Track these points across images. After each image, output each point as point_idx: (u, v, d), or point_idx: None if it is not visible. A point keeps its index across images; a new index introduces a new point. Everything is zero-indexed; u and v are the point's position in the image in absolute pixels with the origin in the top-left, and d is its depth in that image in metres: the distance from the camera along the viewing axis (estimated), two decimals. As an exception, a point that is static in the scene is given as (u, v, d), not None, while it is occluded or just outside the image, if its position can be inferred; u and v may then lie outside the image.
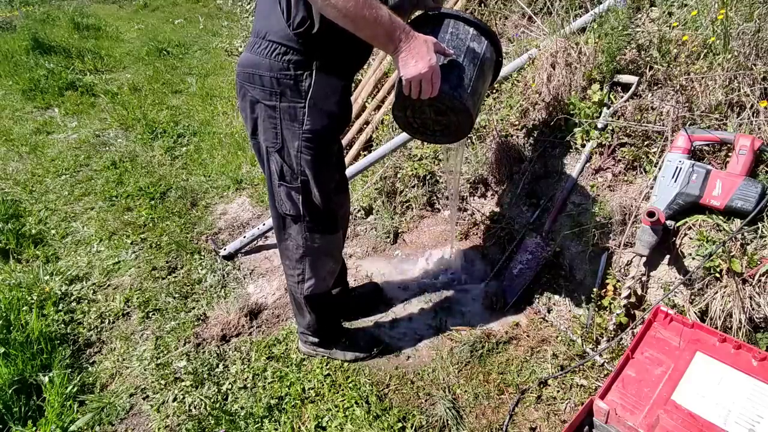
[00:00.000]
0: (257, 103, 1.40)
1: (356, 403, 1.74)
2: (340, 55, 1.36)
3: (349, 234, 2.67)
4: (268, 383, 1.85)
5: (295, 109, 1.36)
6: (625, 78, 2.09)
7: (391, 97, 2.85)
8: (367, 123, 2.95)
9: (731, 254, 1.61)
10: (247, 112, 1.44)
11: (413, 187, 2.65)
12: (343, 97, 1.43)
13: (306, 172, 1.46)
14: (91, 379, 1.92)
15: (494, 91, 2.49)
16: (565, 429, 1.34)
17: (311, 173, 1.46)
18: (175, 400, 1.81)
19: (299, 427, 1.69)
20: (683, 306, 1.73)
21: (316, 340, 1.91)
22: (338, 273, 1.99)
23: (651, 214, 1.64)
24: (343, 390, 1.80)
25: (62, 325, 2.13)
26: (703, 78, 1.88)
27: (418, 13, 1.48)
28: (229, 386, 1.85)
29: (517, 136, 2.38)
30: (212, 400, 1.79)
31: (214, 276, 2.42)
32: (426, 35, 1.24)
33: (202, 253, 2.59)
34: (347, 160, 2.95)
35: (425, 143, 2.63)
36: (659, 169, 1.87)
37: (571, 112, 2.17)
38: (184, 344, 2.04)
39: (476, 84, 1.36)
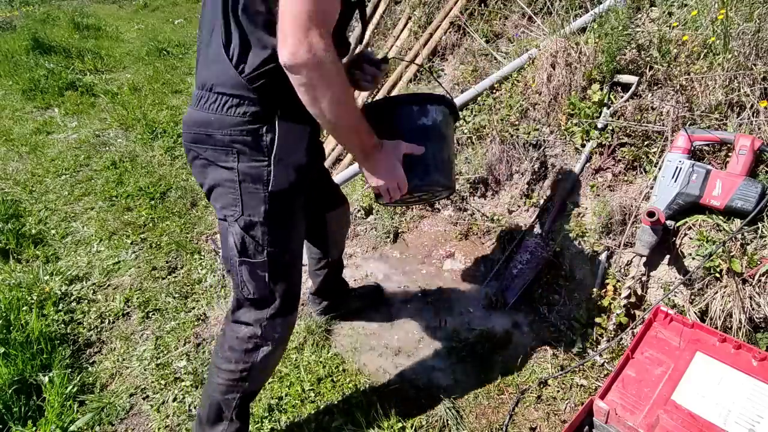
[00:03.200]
0: (210, 166, 1.20)
1: (356, 403, 1.74)
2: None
3: (349, 234, 2.67)
4: (268, 383, 1.85)
5: (258, 169, 1.17)
6: (625, 78, 2.09)
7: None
8: (367, 123, 2.95)
9: (731, 254, 1.61)
10: (200, 178, 1.25)
11: (413, 187, 2.65)
12: (312, 141, 1.25)
13: (274, 242, 1.25)
14: (91, 379, 1.92)
15: (494, 91, 2.49)
16: (565, 429, 1.34)
17: (281, 241, 1.26)
18: (175, 400, 1.81)
19: (299, 427, 1.68)
20: (683, 306, 1.73)
21: None
22: (335, 273, 1.97)
23: (651, 214, 1.65)
24: (343, 390, 1.80)
25: (62, 325, 2.13)
26: (703, 78, 1.88)
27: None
28: (229, 386, 1.85)
29: (517, 136, 2.38)
30: (212, 400, 1.79)
31: (214, 276, 2.42)
32: (394, 141, 1.21)
33: (202, 253, 2.59)
34: (347, 160, 2.95)
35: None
36: (659, 169, 1.87)
37: (571, 112, 2.17)
38: (184, 344, 2.04)
39: (442, 156, 1.34)
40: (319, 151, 1.37)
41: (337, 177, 2.62)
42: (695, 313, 1.69)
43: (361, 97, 3.00)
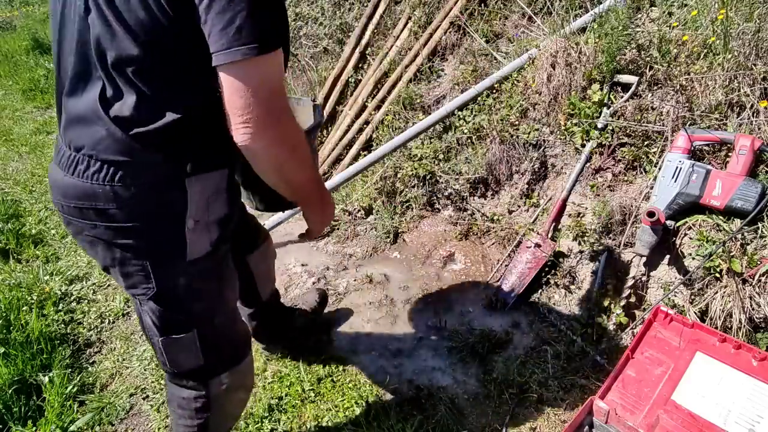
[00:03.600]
0: (102, 243, 0.97)
1: (356, 403, 1.74)
2: (220, 139, 0.91)
3: (349, 234, 2.67)
4: (268, 383, 1.84)
5: (169, 241, 0.97)
6: (625, 78, 2.09)
7: (392, 97, 2.85)
8: (367, 123, 2.95)
9: (731, 254, 1.61)
10: (90, 252, 1.03)
11: (413, 187, 2.65)
12: (231, 184, 1.05)
13: (201, 310, 1.08)
14: (91, 379, 1.92)
15: (494, 91, 2.49)
16: (565, 429, 1.34)
17: (209, 307, 1.10)
18: (175, 400, 1.81)
19: (299, 427, 1.68)
20: (683, 306, 1.73)
21: None
22: (272, 310, 1.81)
23: (651, 214, 1.65)
24: (343, 390, 1.80)
25: (62, 325, 2.13)
26: (703, 78, 1.88)
27: None
28: (229, 386, 1.85)
29: (517, 136, 2.38)
30: (212, 400, 1.79)
31: (214, 276, 2.42)
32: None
33: (202, 253, 2.58)
34: (347, 160, 2.95)
35: (424, 144, 2.63)
36: (659, 169, 1.87)
37: (571, 112, 2.17)
38: (184, 344, 2.04)
39: None
40: (237, 199, 1.17)
41: (337, 177, 2.62)
42: (695, 313, 1.69)
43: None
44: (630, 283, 1.84)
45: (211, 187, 0.98)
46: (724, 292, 1.63)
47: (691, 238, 1.76)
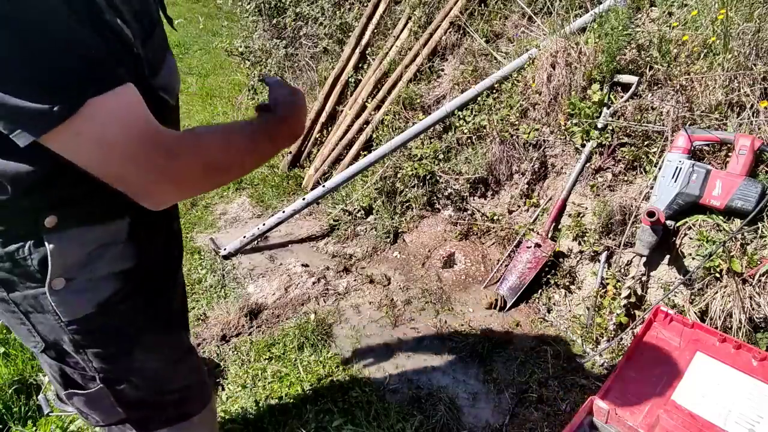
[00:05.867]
0: None
1: (356, 403, 1.74)
2: (96, 194, 0.75)
3: (349, 234, 2.67)
4: (268, 383, 1.84)
5: (36, 298, 0.82)
6: (625, 78, 2.09)
7: (392, 97, 2.85)
8: (367, 123, 2.95)
9: (731, 254, 1.61)
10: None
11: (413, 187, 2.65)
12: (136, 238, 0.88)
13: (109, 372, 0.93)
14: (91, 379, 1.92)
15: (494, 90, 2.49)
16: (565, 429, 1.34)
17: (120, 370, 0.95)
18: (175, 400, 1.81)
19: (299, 427, 1.68)
20: (683, 306, 1.73)
21: None
22: None
23: (651, 214, 1.65)
24: (343, 390, 1.80)
25: (62, 325, 2.13)
26: (703, 78, 1.88)
27: None
28: (229, 386, 1.85)
29: (517, 136, 2.38)
30: (212, 400, 1.79)
31: (214, 276, 2.42)
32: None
33: (202, 253, 2.58)
34: (347, 160, 2.95)
35: (424, 144, 2.63)
36: (659, 169, 1.87)
37: (571, 112, 2.17)
38: (184, 344, 2.04)
39: None
40: (165, 248, 1.00)
41: (337, 177, 2.62)
42: (695, 313, 1.69)
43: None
44: (630, 283, 1.84)
45: (94, 240, 0.82)
46: (724, 292, 1.63)
47: (691, 238, 1.76)
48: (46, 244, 0.77)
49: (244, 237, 2.57)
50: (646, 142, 1.99)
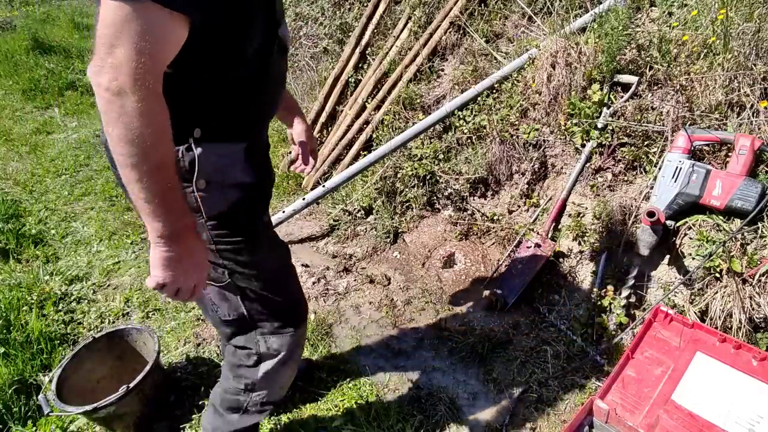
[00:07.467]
0: None
1: (356, 403, 1.74)
2: (231, 114, 1.05)
3: (349, 234, 2.67)
4: (268, 383, 1.84)
5: (186, 196, 1.00)
6: (625, 78, 2.09)
7: (392, 97, 2.85)
8: (367, 123, 2.95)
9: (731, 254, 1.61)
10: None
11: (413, 187, 2.65)
12: (251, 160, 1.11)
13: (235, 266, 1.15)
14: (91, 379, 1.92)
15: (494, 90, 2.49)
16: (565, 429, 1.34)
17: (243, 265, 1.16)
18: (174, 399, 1.81)
19: (299, 427, 1.68)
20: (683, 306, 1.73)
21: None
22: None
23: (651, 214, 1.65)
24: (343, 390, 1.80)
25: (62, 325, 2.13)
26: (703, 78, 1.88)
27: None
28: (229, 386, 1.85)
29: (517, 136, 2.38)
30: (212, 400, 1.79)
31: (214, 276, 2.42)
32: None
33: (202, 253, 2.58)
34: (347, 160, 2.95)
35: (424, 144, 2.63)
36: (659, 169, 1.87)
37: (571, 112, 2.17)
38: (184, 344, 2.04)
39: None
40: (266, 172, 1.23)
41: (337, 177, 2.62)
42: (695, 313, 1.69)
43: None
44: (630, 283, 1.84)
45: (226, 154, 1.07)
46: (724, 292, 1.63)
47: (691, 238, 1.76)
48: (194, 148, 1.00)
49: (244, 237, 2.56)
50: (646, 142, 1.99)
